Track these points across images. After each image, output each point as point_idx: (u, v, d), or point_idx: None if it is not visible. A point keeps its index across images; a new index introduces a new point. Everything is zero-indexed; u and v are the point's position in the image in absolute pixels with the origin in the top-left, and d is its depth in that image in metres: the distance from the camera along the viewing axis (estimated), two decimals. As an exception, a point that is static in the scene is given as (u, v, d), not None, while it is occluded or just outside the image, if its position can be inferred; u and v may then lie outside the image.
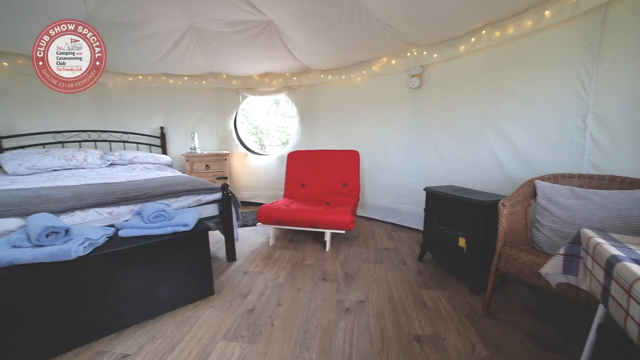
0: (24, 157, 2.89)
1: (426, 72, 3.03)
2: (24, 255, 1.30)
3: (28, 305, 1.33)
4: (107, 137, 3.81)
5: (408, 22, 2.61)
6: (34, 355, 1.36)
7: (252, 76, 4.21)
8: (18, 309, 1.30)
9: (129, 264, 1.57)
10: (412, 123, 3.21)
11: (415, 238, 2.99)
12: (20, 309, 1.31)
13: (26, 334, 1.33)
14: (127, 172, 3.08)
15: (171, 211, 1.82)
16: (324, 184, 3.35)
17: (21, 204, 1.63)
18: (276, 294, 1.94)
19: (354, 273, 2.24)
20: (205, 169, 4.01)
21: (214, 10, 2.82)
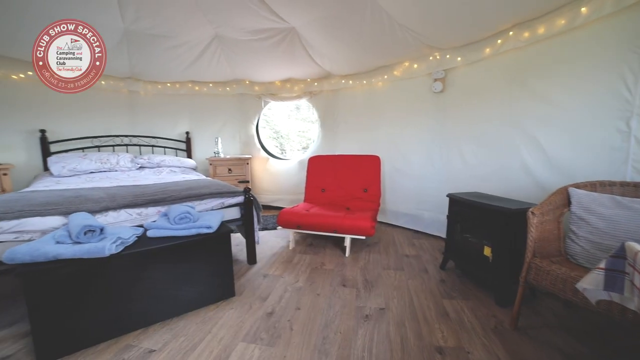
0: (67, 160, 3.12)
1: (449, 75, 2.96)
2: (66, 251, 1.40)
3: (67, 297, 1.42)
4: (138, 142, 4.02)
5: (431, 26, 2.57)
6: (70, 344, 1.45)
7: (274, 82, 4.30)
8: (58, 301, 1.40)
9: (155, 263, 1.64)
10: (434, 128, 3.14)
11: (437, 245, 2.91)
12: (60, 301, 1.40)
13: (63, 324, 1.42)
14: (155, 175, 3.23)
15: (196, 213, 1.89)
16: (345, 189, 3.34)
17: (64, 203, 1.76)
18: (295, 298, 1.95)
19: (374, 280, 2.21)
20: (228, 172, 4.12)
21: (239, 19, 2.93)
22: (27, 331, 1.59)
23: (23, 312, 1.73)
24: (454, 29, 2.55)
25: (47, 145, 3.39)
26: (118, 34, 3.05)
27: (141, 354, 1.43)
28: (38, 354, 1.37)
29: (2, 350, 1.47)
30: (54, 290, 1.39)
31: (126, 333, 1.58)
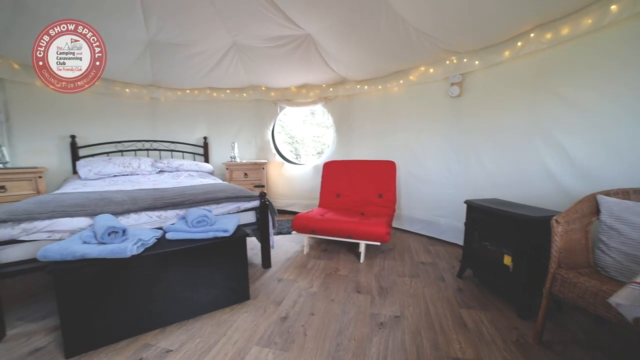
0: (93, 164, 3.27)
1: (467, 79, 2.91)
2: (92, 251, 1.46)
3: (91, 295, 1.48)
4: (158, 147, 4.17)
5: (447, 30, 2.55)
6: (94, 340, 1.50)
7: (290, 88, 4.36)
8: (84, 298, 1.46)
9: (173, 265, 1.68)
10: (451, 133, 3.08)
11: (454, 253, 2.83)
12: (86, 298, 1.46)
13: (88, 321, 1.48)
14: (174, 178, 3.32)
15: (213, 217, 1.93)
16: (360, 194, 3.33)
17: (90, 205, 1.84)
18: (309, 303, 1.94)
19: (388, 287, 2.18)
20: (244, 177, 4.19)
21: (256, 27, 3.00)
22: (56, 325, 1.67)
23: (53, 307, 1.83)
24: (471, 33, 2.52)
25: (77, 150, 3.58)
26: (142, 44, 3.19)
27: (159, 354, 1.46)
28: (66, 347, 1.44)
29: (36, 342, 1.56)
30: (81, 288, 1.45)
31: (145, 332, 1.62)
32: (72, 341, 1.45)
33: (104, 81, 3.68)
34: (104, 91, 3.73)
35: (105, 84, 3.70)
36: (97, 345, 1.50)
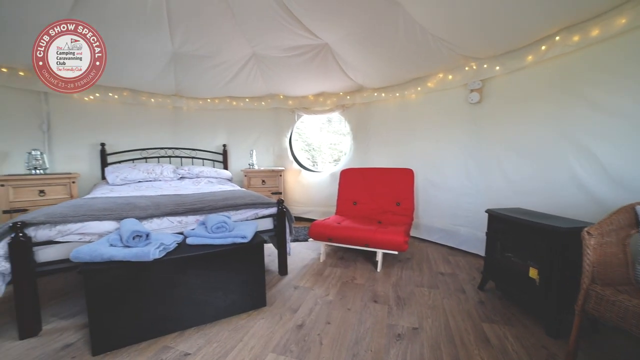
0: (120, 170, 3.43)
1: (487, 86, 2.85)
2: (118, 253, 1.53)
3: (116, 296, 1.54)
4: (180, 154, 4.32)
5: (466, 36, 2.52)
6: (118, 340, 1.56)
7: (307, 96, 4.42)
8: (110, 299, 1.52)
9: (193, 270, 1.72)
10: (471, 140, 3.01)
11: (475, 264, 2.74)
12: (111, 299, 1.53)
13: (113, 320, 1.53)
14: (194, 185, 3.42)
15: (231, 223, 1.96)
16: (377, 202, 3.29)
17: (117, 209, 1.93)
18: (325, 312, 1.93)
19: (406, 297, 2.12)
20: (262, 184, 4.26)
21: (275, 38, 3.09)
22: (85, 323, 1.75)
23: (82, 306, 1.92)
24: (491, 38, 2.47)
25: (105, 156, 3.77)
26: (168, 57, 3.35)
27: (178, 356, 1.49)
28: (93, 345, 1.50)
29: (67, 338, 1.64)
30: (107, 289, 1.52)
31: (164, 335, 1.66)
32: (99, 339, 1.51)
33: (131, 92, 3.89)
34: (131, 101, 3.93)
35: (132, 94, 3.91)
36: (120, 344, 1.56)
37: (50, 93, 3.35)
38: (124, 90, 3.83)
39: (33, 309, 1.65)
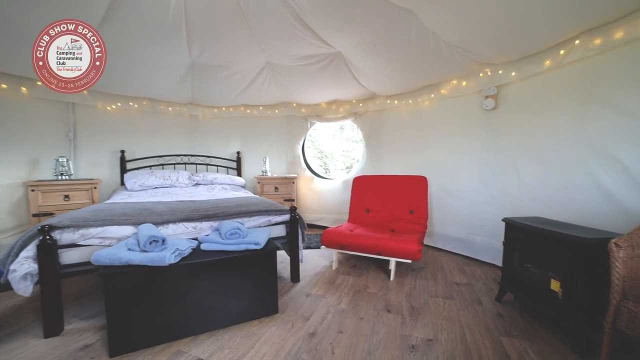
0: (137, 177, 3.55)
1: (502, 92, 2.80)
2: (135, 258, 1.57)
3: (133, 299, 1.57)
4: (195, 161, 4.42)
5: (480, 42, 2.50)
6: (134, 343, 1.59)
7: (320, 104, 4.46)
8: (127, 302, 1.56)
9: (206, 275, 1.74)
10: (486, 147, 2.96)
11: (492, 274, 2.65)
12: (128, 302, 1.56)
13: (130, 323, 1.57)
14: (208, 191, 3.48)
15: (245, 230, 1.99)
16: (390, 210, 3.26)
17: (135, 215, 1.99)
18: (338, 320, 1.91)
19: (420, 307, 2.08)
20: (274, 191, 4.30)
21: (289, 47, 3.15)
22: (103, 325, 1.80)
23: (101, 308, 1.98)
24: (506, 44, 2.44)
25: (125, 163, 3.91)
26: (185, 67, 3.47)
27: (191, 362, 1.51)
28: (111, 347, 1.54)
29: (86, 339, 1.70)
30: (125, 292, 1.56)
31: (178, 339, 1.68)
32: (116, 341, 1.54)
33: (150, 101, 4.04)
34: (150, 110, 4.08)
35: (151, 103, 4.05)
36: (136, 347, 1.59)
37: (77, 103, 3.53)
38: (143, 100, 3.99)
39: (57, 309, 1.72)
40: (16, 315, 1.97)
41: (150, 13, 2.56)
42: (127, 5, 2.44)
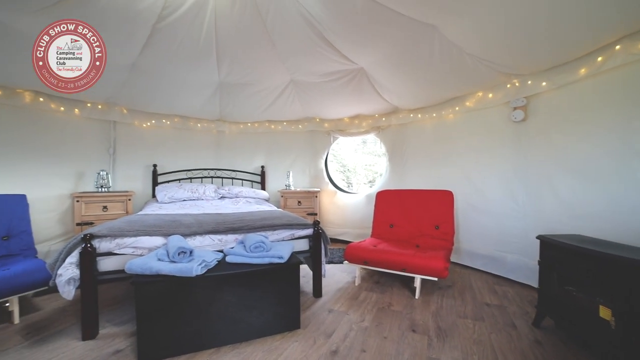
0: (167, 190, 3.73)
1: (532, 103, 2.70)
2: (165, 268, 1.64)
3: (161, 309, 1.63)
4: (221, 174, 4.59)
5: (507, 53, 2.44)
6: (160, 351, 1.64)
7: (343, 119, 4.51)
8: (155, 311, 1.62)
9: (231, 287, 1.77)
10: (516, 160, 2.83)
11: (527, 296, 2.48)
12: (156, 311, 1.62)
13: (157, 332, 1.62)
14: (233, 204, 3.59)
15: (269, 243, 2.02)
16: (414, 226, 3.18)
17: (164, 226, 2.08)
18: (361, 339, 1.85)
19: (448, 328, 1.98)
20: (298, 204, 4.34)
21: (312, 64, 3.25)
22: (133, 332, 1.87)
23: (131, 315, 2.07)
24: (535, 53, 2.36)
25: (157, 176, 4.14)
26: (214, 85, 3.67)
27: (214, 374, 1.52)
28: (140, 354, 1.60)
29: (118, 344, 1.77)
30: (154, 301, 1.62)
31: (202, 350, 1.71)
32: (145, 348, 1.60)
33: (181, 118, 4.28)
34: (180, 126, 4.32)
35: (182, 120, 4.30)
36: (162, 356, 1.63)
37: (118, 121, 3.85)
38: (175, 117, 4.24)
39: (94, 314, 1.82)
40: (60, 316, 2.12)
41: (184, 38, 2.77)
42: (164, 32, 2.66)
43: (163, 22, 2.54)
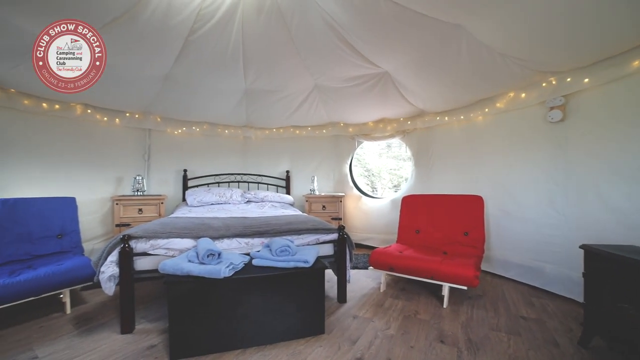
0: (197, 194, 3.90)
1: (572, 101, 2.52)
2: (195, 269, 1.71)
3: (190, 308, 1.70)
4: (247, 179, 4.71)
5: (542, 50, 2.30)
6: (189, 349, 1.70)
7: (367, 123, 4.48)
8: (185, 310, 1.69)
9: (257, 290, 1.81)
10: (553, 163, 2.66)
11: (570, 311, 2.29)
12: (186, 310, 1.69)
13: (187, 331, 1.69)
14: (259, 208, 3.66)
15: (294, 247, 2.04)
16: (442, 232, 3.06)
17: (194, 229, 2.17)
18: (386, 347, 1.81)
19: (479, 341, 1.88)
20: (322, 209, 4.35)
21: (336, 70, 3.27)
22: (165, 329, 1.97)
23: (163, 312, 2.19)
24: (576, 48, 2.20)
25: (186, 181, 4.34)
26: (241, 93, 3.80)
27: (241, 375, 1.55)
28: (171, 350, 1.67)
29: (151, 340, 1.87)
30: (184, 300, 1.69)
31: (229, 350, 1.75)
32: (176, 346, 1.67)
33: (210, 125, 4.47)
34: (209, 133, 4.51)
35: (211, 127, 4.48)
36: (192, 354, 1.69)
37: (152, 129, 4.11)
38: (204, 124, 4.43)
39: (131, 309, 1.95)
40: (103, 310, 2.29)
41: (214, 48, 2.89)
42: (196, 44, 2.80)
43: (194, 34, 2.68)
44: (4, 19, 2.12)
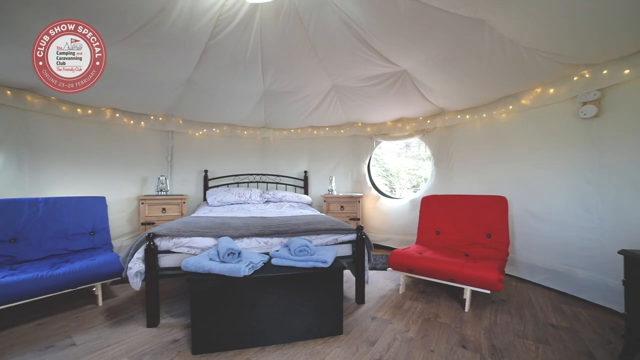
0: (217, 194, 4.00)
1: (608, 95, 2.37)
2: (215, 267, 1.75)
3: (211, 305, 1.74)
4: (266, 179, 4.79)
5: (573, 41, 2.17)
6: (210, 345, 1.74)
7: (386, 122, 4.42)
8: (207, 307, 1.74)
9: (275, 289, 1.83)
10: (586, 162, 2.50)
11: (607, 321, 2.14)
12: (207, 307, 1.74)
13: (208, 327, 1.73)
14: (277, 208, 3.70)
15: (313, 247, 2.04)
16: (463, 233, 2.97)
17: (215, 228, 2.23)
18: (405, 350, 1.78)
19: (504, 348, 1.80)
20: (340, 209, 4.34)
21: (354, 69, 3.25)
22: (187, 324, 2.04)
23: (185, 308, 2.28)
24: (614, 37, 2.04)
25: (207, 181, 4.46)
26: (259, 94, 3.86)
27: (260, 372, 1.58)
28: (193, 345, 1.73)
29: (175, 334, 1.95)
30: (205, 297, 1.74)
31: (247, 347, 1.78)
32: (198, 341, 1.72)
33: (229, 126, 4.58)
34: (229, 134, 4.62)
35: (230, 128, 4.59)
36: (213, 349, 1.74)
37: (175, 131, 4.27)
38: (224, 125, 4.55)
39: (156, 304, 2.03)
40: (130, 304, 2.41)
41: (233, 52, 2.96)
42: (216, 48, 2.87)
43: (215, 39, 2.75)
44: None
